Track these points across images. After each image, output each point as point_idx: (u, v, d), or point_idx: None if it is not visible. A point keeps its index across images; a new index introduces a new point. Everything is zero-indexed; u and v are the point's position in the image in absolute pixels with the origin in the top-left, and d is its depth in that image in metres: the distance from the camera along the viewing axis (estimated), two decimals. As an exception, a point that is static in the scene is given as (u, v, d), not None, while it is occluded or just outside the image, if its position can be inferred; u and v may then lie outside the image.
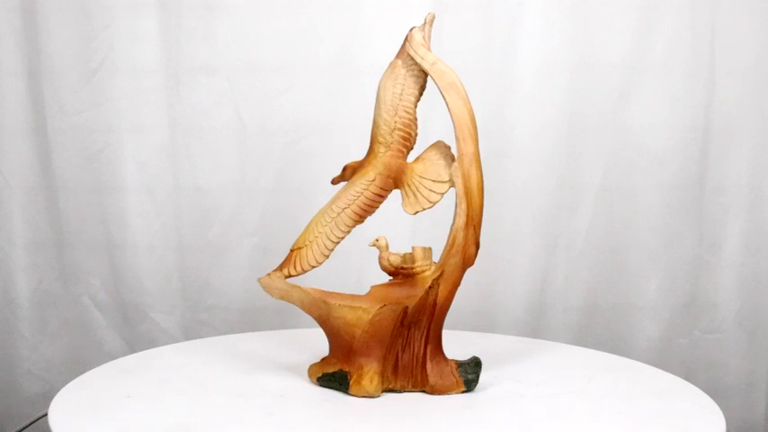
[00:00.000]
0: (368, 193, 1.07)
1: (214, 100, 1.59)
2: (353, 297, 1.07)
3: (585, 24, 1.56)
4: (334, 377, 1.07)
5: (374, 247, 1.10)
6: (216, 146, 1.60)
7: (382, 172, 1.07)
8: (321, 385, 1.08)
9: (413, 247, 1.08)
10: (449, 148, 1.09)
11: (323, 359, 1.10)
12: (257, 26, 1.57)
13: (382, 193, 1.08)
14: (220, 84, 1.58)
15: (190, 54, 1.58)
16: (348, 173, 1.10)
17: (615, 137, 1.58)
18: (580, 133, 1.58)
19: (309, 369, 1.10)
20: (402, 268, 1.07)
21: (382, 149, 1.08)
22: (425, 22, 1.11)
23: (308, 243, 1.06)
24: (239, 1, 1.57)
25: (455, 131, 1.07)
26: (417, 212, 1.07)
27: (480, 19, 1.56)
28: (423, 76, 1.09)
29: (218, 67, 1.58)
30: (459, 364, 1.08)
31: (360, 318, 1.04)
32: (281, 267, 1.08)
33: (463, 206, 1.06)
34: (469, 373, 1.07)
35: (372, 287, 1.08)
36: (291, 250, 1.07)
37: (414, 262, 1.07)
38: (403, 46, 1.10)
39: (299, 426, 0.97)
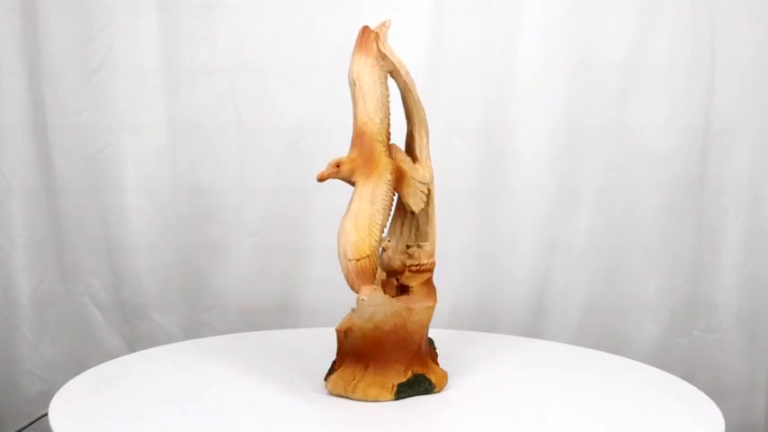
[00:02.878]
0: (391, 194, 1.06)
1: (214, 100, 1.59)
2: (412, 299, 1.06)
3: (585, 24, 1.56)
4: (415, 383, 1.05)
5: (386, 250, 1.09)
6: (216, 146, 1.60)
7: (393, 172, 1.07)
8: (401, 398, 1.04)
9: (423, 245, 1.08)
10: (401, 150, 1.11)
11: (369, 373, 1.04)
12: (257, 26, 1.57)
13: (395, 192, 1.08)
14: (220, 84, 1.58)
15: (190, 54, 1.58)
16: (345, 170, 1.05)
17: (615, 137, 1.58)
18: (580, 133, 1.58)
19: (367, 391, 1.04)
20: (416, 265, 1.07)
21: (382, 148, 1.07)
22: (384, 27, 1.11)
23: (372, 250, 1.01)
24: (239, 1, 1.57)
25: (426, 137, 1.11)
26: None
27: (480, 19, 1.56)
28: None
29: (218, 67, 1.58)
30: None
31: (430, 317, 1.06)
32: (362, 282, 0.99)
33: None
34: (433, 345, 1.13)
35: (411, 286, 1.07)
36: (357, 260, 0.99)
37: (429, 258, 1.08)
38: (365, 43, 1.09)
39: (300, 426, 0.97)
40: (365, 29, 1.10)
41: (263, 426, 0.96)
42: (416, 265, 1.07)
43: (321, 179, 1.04)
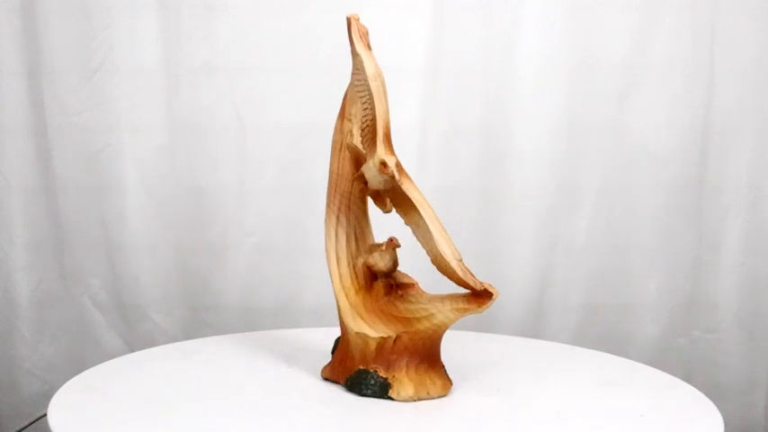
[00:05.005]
0: None
1: (214, 100, 1.59)
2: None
3: (585, 24, 1.56)
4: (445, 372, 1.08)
5: (395, 250, 1.09)
6: (216, 146, 1.60)
7: None
8: None
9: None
10: None
11: (431, 371, 1.05)
12: (257, 26, 1.57)
13: None
14: (220, 84, 1.58)
15: (190, 54, 1.58)
16: (399, 170, 1.05)
17: (615, 137, 1.58)
18: (580, 133, 1.58)
19: (444, 387, 1.05)
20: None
21: None
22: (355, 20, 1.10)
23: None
24: (239, 1, 1.57)
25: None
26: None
27: (480, 19, 1.56)
28: None
29: (218, 67, 1.58)
30: None
31: None
32: (477, 280, 1.01)
33: None
34: None
35: (414, 283, 1.09)
36: (459, 260, 1.01)
37: None
38: (362, 36, 1.07)
39: (300, 426, 0.97)
40: (356, 21, 1.08)
41: (264, 426, 0.96)
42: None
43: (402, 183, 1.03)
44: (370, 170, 1.05)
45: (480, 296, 1.00)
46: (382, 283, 1.08)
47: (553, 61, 1.56)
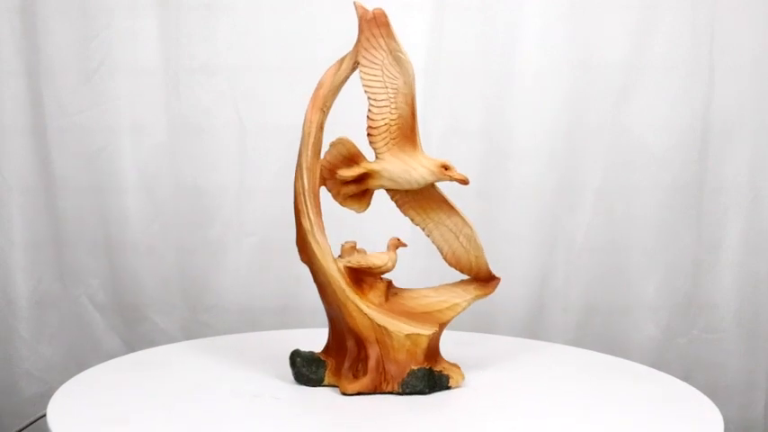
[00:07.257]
0: None
1: (214, 100, 1.59)
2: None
3: (585, 24, 1.56)
4: None
5: (397, 251, 1.09)
6: (216, 146, 1.60)
7: None
8: None
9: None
10: None
11: (444, 360, 1.09)
12: (257, 26, 1.57)
13: None
14: (220, 84, 1.58)
15: (190, 54, 1.58)
16: None
17: (615, 137, 1.59)
18: (580, 133, 1.58)
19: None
20: None
21: None
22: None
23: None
24: (239, 1, 1.57)
25: None
26: None
27: (480, 19, 1.56)
28: None
29: (218, 67, 1.58)
30: None
31: None
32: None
33: None
34: None
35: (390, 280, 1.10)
36: (478, 257, 1.08)
37: None
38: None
39: (301, 426, 0.97)
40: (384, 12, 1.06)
41: (264, 426, 0.96)
42: None
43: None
44: (414, 171, 1.07)
45: (489, 281, 1.10)
46: (384, 283, 1.08)
47: (553, 61, 1.56)
